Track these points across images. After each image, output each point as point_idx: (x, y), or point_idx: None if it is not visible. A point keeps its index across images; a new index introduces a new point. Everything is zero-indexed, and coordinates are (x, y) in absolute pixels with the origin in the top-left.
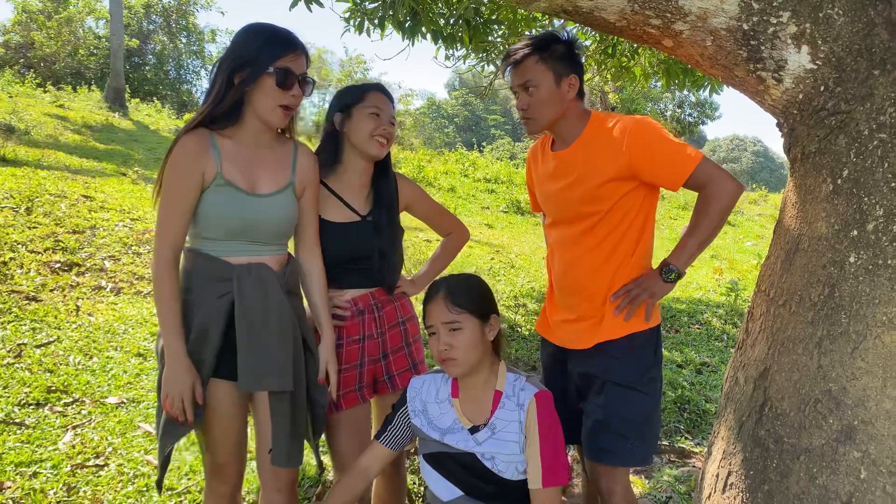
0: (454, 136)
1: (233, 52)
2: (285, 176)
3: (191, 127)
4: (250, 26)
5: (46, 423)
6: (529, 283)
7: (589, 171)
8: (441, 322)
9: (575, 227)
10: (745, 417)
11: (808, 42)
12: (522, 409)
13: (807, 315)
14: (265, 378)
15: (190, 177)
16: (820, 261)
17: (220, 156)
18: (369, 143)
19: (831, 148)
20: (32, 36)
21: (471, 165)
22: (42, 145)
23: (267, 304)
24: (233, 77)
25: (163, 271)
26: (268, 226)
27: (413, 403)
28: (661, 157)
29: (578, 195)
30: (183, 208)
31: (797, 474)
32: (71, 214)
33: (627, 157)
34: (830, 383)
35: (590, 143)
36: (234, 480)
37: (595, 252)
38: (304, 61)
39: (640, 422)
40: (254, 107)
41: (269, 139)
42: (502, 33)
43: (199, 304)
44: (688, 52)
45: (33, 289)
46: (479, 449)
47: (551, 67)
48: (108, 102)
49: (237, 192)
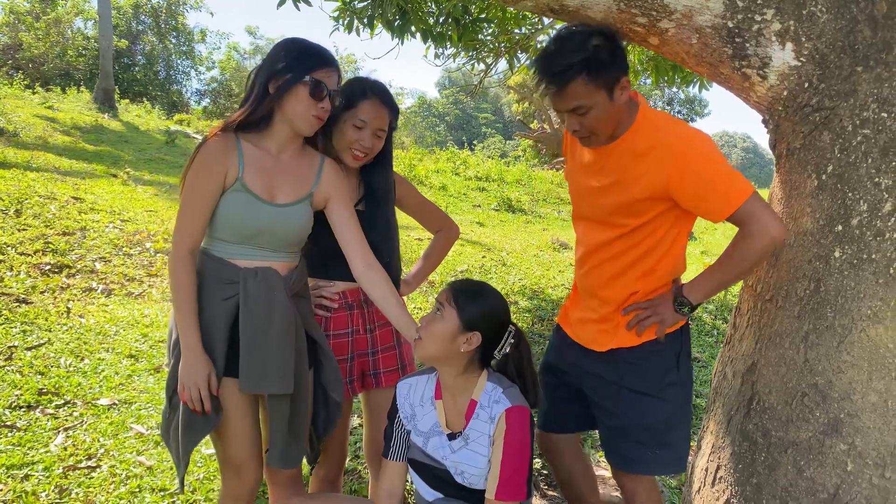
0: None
1: (270, 62)
2: (306, 187)
3: (220, 130)
4: (289, 40)
5: (38, 425)
6: (521, 280)
7: (627, 182)
8: (438, 301)
9: (602, 231)
10: (733, 412)
11: (793, 39)
12: (493, 423)
13: (793, 310)
14: (265, 381)
15: (213, 177)
16: (805, 256)
17: (244, 160)
18: (345, 153)
19: (816, 144)
20: (20, 37)
21: (462, 164)
22: (31, 147)
23: (271, 307)
24: (268, 84)
25: (178, 266)
26: (280, 235)
27: (403, 409)
28: (707, 189)
29: (612, 204)
30: (203, 207)
31: (785, 467)
32: (61, 216)
33: (670, 179)
34: (817, 377)
35: (632, 148)
36: (252, 480)
37: (616, 261)
38: (336, 79)
39: (661, 429)
40: (286, 114)
41: (295, 150)
42: (492, 32)
43: (206, 304)
44: (674, 49)
45: (23, 291)
46: (452, 458)
47: (603, 83)
48: (98, 103)
49: (254, 198)
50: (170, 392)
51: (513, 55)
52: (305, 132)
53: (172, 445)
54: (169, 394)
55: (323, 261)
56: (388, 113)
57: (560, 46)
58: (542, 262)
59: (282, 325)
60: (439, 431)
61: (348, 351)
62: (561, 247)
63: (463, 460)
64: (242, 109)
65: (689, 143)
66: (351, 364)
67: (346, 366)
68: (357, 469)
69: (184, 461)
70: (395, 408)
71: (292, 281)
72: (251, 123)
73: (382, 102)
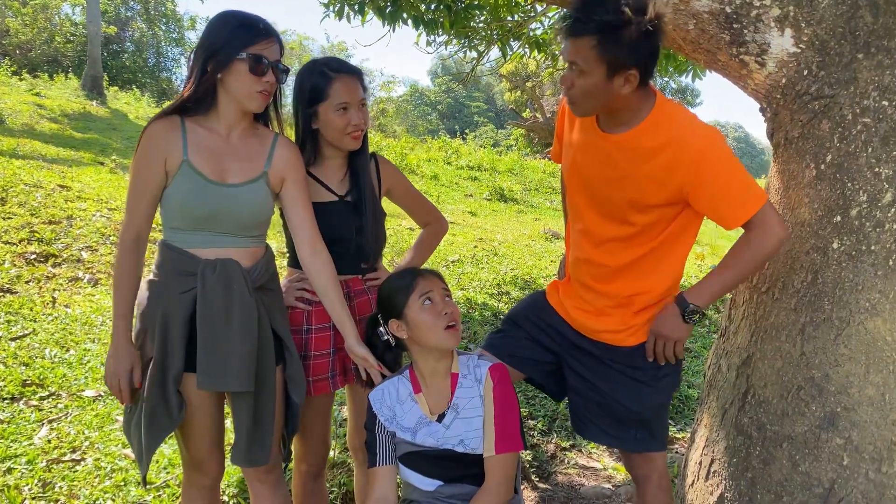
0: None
1: (206, 40)
2: (258, 166)
3: (163, 114)
4: (223, 14)
5: (21, 417)
6: (513, 270)
7: (637, 178)
8: (441, 288)
9: (604, 224)
10: (728, 405)
11: (792, 25)
12: (480, 384)
13: (790, 302)
14: (224, 378)
15: (153, 161)
16: (803, 247)
17: (188, 142)
18: (343, 139)
19: (815, 133)
20: (7, 23)
21: (454, 153)
22: (17, 134)
23: (230, 301)
24: (206, 64)
25: (121, 253)
26: (236, 217)
27: (382, 414)
28: (723, 196)
29: (623, 199)
30: (145, 192)
31: (780, 461)
32: (47, 204)
33: (685, 180)
34: (813, 370)
35: (644, 144)
36: (214, 473)
37: (621, 257)
38: (278, 48)
39: (648, 416)
40: (229, 93)
41: (245, 128)
42: (484, 19)
43: (164, 297)
44: (669, 36)
45: (8, 280)
46: (448, 435)
47: (607, 60)
48: (86, 90)
49: (202, 179)
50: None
51: (505, 43)
52: (254, 109)
53: (134, 441)
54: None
55: None
56: (358, 81)
57: (595, 4)
58: (533, 251)
59: (241, 321)
60: (427, 422)
61: (330, 345)
62: (553, 237)
63: (459, 431)
64: (184, 91)
65: (711, 144)
66: (333, 358)
67: (328, 360)
68: (346, 462)
69: (147, 458)
70: (372, 416)
71: (256, 273)
72: (196, 105)
73: (347, 73)
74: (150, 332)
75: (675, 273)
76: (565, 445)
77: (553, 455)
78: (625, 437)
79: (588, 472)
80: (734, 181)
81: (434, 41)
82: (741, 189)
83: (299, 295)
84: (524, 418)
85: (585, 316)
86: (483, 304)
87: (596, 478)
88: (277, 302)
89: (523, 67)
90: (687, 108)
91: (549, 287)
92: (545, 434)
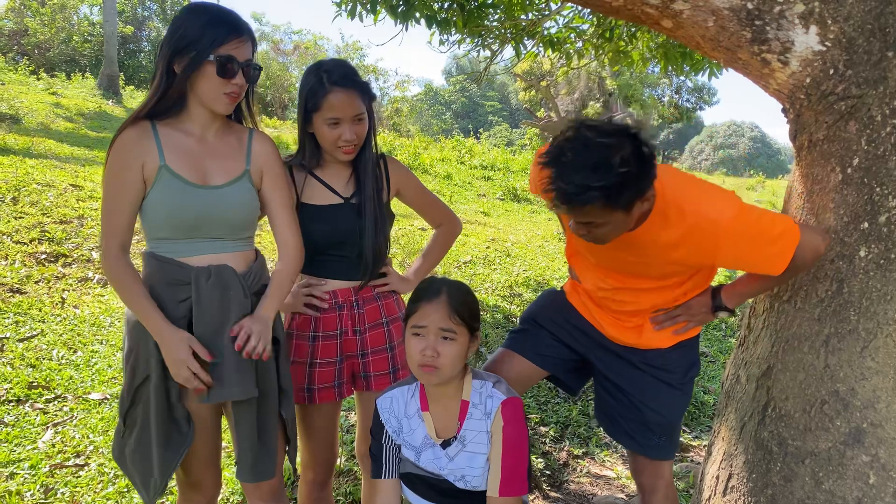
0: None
1: (171, 38)
2: (239, 165)
3: (132, 120)
4: (189, 8)
5: (26, 420)
6: (525, 272)
7: (659, 262)
8: (438, 327)
9: (629, 280)
10: (746, 418)
11: (817, 22)
12: (489, 418)
13: (813, 311)
14: (224, 388)
15: (130, 169)
16: (828, 255)
17: (163, 146)
18: (335, 152)
19: (841, 135)
20: (26, 23)
21: (467, 152)
22: (33, 133)
23: (226, 308)
24: (172, 64)
25: (113, 265)
26: (224, 219)
27: (390, 423)
28: (759, 257)
29: (645, 273)
30: (123, 202)
31: (802, 479)
32: (58, 204)
33: (715, 261)
34: (838, 384)
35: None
36: (211, 492)
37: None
38: (249, 47)
39: (675, 421)
40: (197, 95)
41: (219, 128)
42: (497, 17)
43: (161, 310)
44: (688, 33)
45: (18, 280)
46: (451, 466)
47: (622, 204)
48: (102, 90)
49: (184, 184)
50: (124, 409)
51: (519, 42)
52: (221, 112)
53: (130, 468)
54: (123, 411)
55: (313, 259)
56: (357, 95)
57: (578, 159)
58: (547, 252)
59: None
60: (431, 443)
61: (336, 353)
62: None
63: (462, 465)
64: (150, 95)
65: (729, 223)
66: (340, 366)
67: (334, 368)
68: (353, 470)
69: (163, 483)
70: (379, 424)
71: (251, 278)
72: (166, 108)
73: (346, 88)
74: (142, 348)
75: (711, 277)
76: (578, 453)
77: (565, 463)
78: (648, 444)
79: (600, 481)
80: (764, 240)
81: (447, 40)
82: (771, 243)
83: (307, 301)
84: (535, 424)
85: (624, 332)
86: (495, 306)
87: (609, 487)
88: None
89: (538, 66)
90: (681, 177)
91: (566, 287)
92: (557, 441)
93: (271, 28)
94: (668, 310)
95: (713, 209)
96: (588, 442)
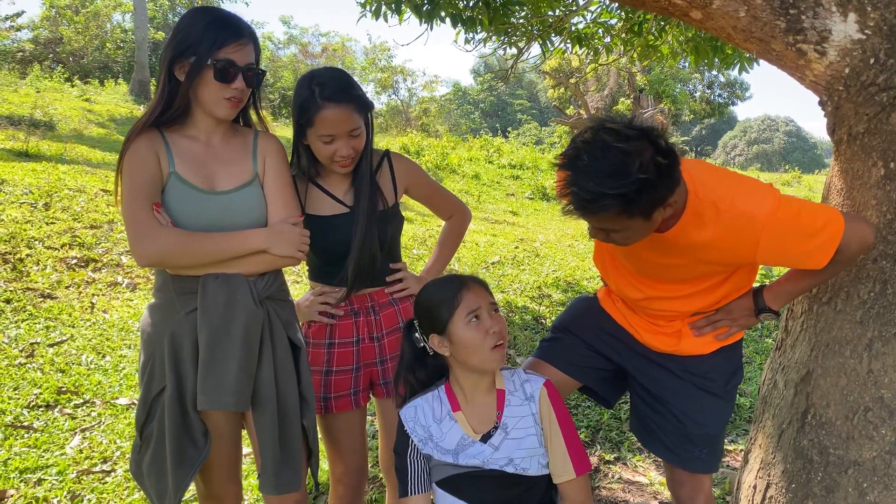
0: (480, 122)
1: (172, 43)
2: (247, 169)
3: (139, 129)
4: (190, 13)
5: (55, 426)
6: (555, 272)
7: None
8: (488, 302)
9: (668, 288)
10: (785, 425)
11: (856, 9)
12: (533, 402)
13: (855, 314)
14: (222, 396)
15: (147, 164)
16: (870, 254)
17: (172, 152)
18: (331, 165)
19: (883, 128)
20: (61, 31)
21: (496, 151)
22: (66, 139)
23: (231, 313)
24: (173, 70)
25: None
26: (235, 225)
27: (416, 434)
28: (803, 253)
29: (686, 276)
30: (147, 199)
31: (845, 489)
32: (89, 209)
33: (756, 258)
34: (882, 390)
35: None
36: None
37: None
38: (251, 50)
39: (717, 432)
40: (199, 101)
41: (225, 132)
42: (524, 14)
43: (170, 320)
44: (718, 24)
45: (48, 286)
46: (497, 456)
47: (640, 211)
48: (134, 95)
49: (193, 189)
50: (140, 423)
51: (546, 38)
52: (223, 117)
53: (146, 484)
54: (139, 425)
55: (326, 268)
56: (351, 110)
57: (594, 164)
58: (577, 252)
59: (242, 334)
60: (470, 442)
61: (353, 361)
62: None
63: (509, 451)
64: (154, 104)
65: (767, 219)
66: (357, 374)
67: (350, 376)
68: (378, 477)
69: (177, 499)
70: (404, 438)
71: (262, 284)
72: (170, 117)
73: (339, 104)
74: (157, 359)
75: (753, 278)
76: (609, 458)
77: (596, 468)
78: (688, 457)
79: (633, 488)
80: (807, 232)
81: (473, 39)
82: (814, 236)
83: (322, 309)
84: None
85: (661, 338)
86: (524, 307)
87: (641, 494)
88: (287, 312)
89: (566, 63)
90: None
91: (600, 293)
92: (588, 446)
93: (299, 31)
94: (708, 314)
95: (750, 204)
96: (620, 447)
